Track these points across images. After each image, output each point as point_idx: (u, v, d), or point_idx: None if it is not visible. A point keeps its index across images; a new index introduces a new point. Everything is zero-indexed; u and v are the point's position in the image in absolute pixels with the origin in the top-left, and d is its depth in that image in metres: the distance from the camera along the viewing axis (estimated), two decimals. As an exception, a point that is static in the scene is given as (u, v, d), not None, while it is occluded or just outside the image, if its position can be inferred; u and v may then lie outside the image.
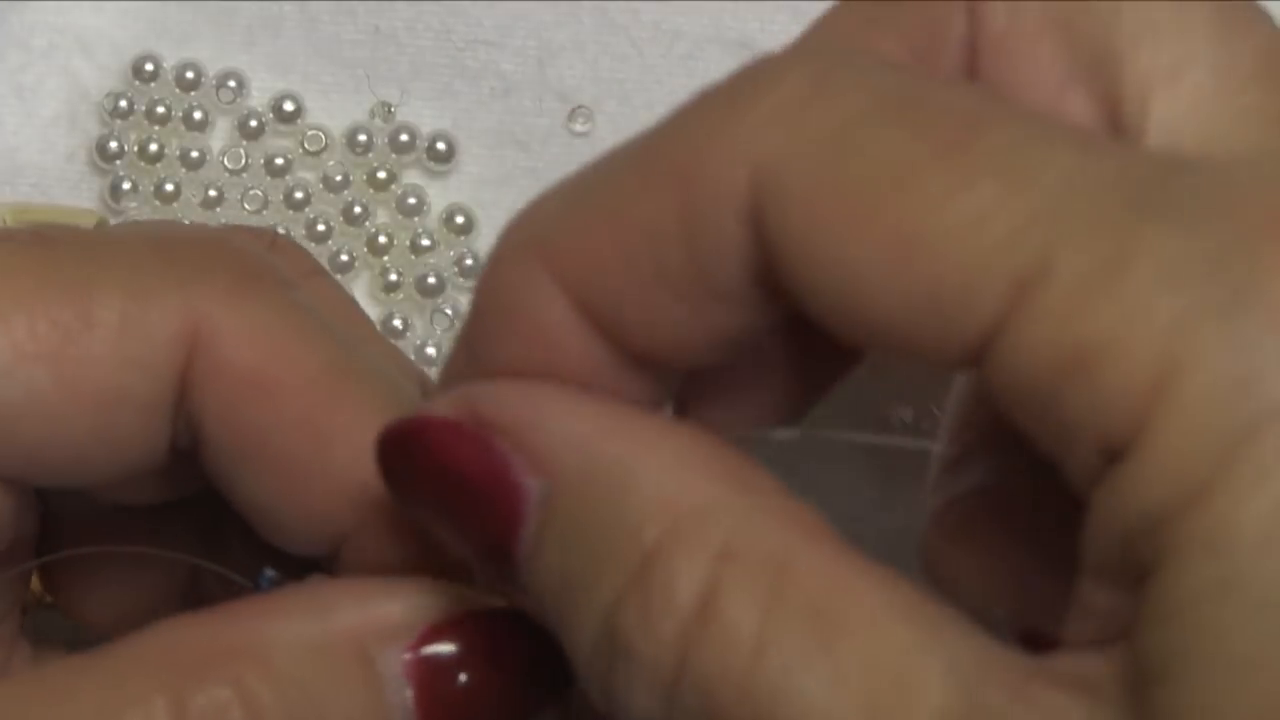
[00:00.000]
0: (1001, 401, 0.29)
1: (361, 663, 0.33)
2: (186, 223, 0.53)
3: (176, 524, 0.40)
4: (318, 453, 0.35)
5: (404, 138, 0.54)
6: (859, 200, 0.29)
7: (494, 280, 0.33)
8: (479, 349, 0.33)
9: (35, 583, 0.41)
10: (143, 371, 0.36)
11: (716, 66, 0.55)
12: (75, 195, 0.54)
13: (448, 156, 0.55)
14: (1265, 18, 0.32)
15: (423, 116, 0.55)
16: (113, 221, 0.53)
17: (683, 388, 0.34)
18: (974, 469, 0.35)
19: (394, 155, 0.54)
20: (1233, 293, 0.26)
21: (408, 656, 0.34)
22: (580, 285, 0.32)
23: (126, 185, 0.54)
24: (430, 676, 0.34)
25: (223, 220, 0.54)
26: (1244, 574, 0.26)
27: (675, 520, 0.30)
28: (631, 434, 0.31)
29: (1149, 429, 0.26)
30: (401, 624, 0.34)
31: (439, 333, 0.54)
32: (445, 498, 0.32)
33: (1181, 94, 0.31)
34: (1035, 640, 0.30)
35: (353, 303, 0.42)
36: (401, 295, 0.54)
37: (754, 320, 0.31)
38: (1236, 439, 0.26)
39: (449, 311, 0.54)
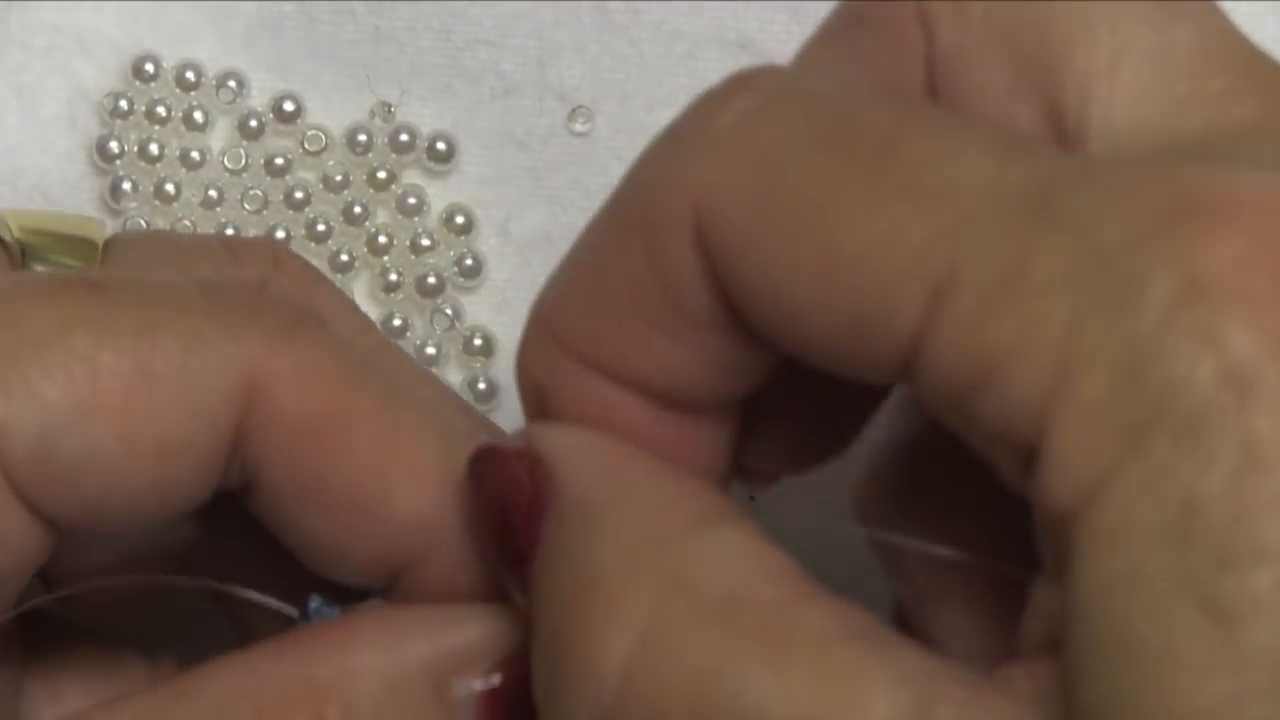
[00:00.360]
0: (931, 411, 0.29)
1: (436, 694, 0.34)
2: (183, 224, 0.53)
3: (183, 525, 0.40)
4: (381, 490, 0.36)
5: (404, 138, 0.54)
6: (786, 223, 0.30)
7: (521, 366, 0.36)
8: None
9: None
10: (202, 422, 0.36)
11: (716, 66, 0.55)
12: (75, 195, 0.54)
13: (448, 156, 0.55)
14: (1205, 5, 0.32)
15: (423, 116, 0.55)
16: (111, 224, 0.53)
17: (743, 439, 0.36)
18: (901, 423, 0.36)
19: (394, 155, 0.54)
20: (1122, 289, 0.27)
21: (480, 686, 0.34)
22: (582, 345, 0.34)
23: (126, 185, 0.54)
24: (503, 706, 0.34)
25: (222, 220, 0.54)
26: (1144, 566, 0.26)
27: (633, 549, 0.31)
28: (624, 474, 0.33)
29: (1050, 430, 0.27)
30: (475, 652, 0.34)
31: (439, 333, 0.54)
32: (493, 515, 0.34)
33: (1119, 88, 0.31)
34: None
35: (356, 309, 0.42)
36: (401, 295, 0.54)
37: (740, 344, 0.32)
38: (1132, 432, 0.26)
39: (449, 311, 0.54)
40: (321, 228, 0.54)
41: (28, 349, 0.35)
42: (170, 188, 0.54)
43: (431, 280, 0.54)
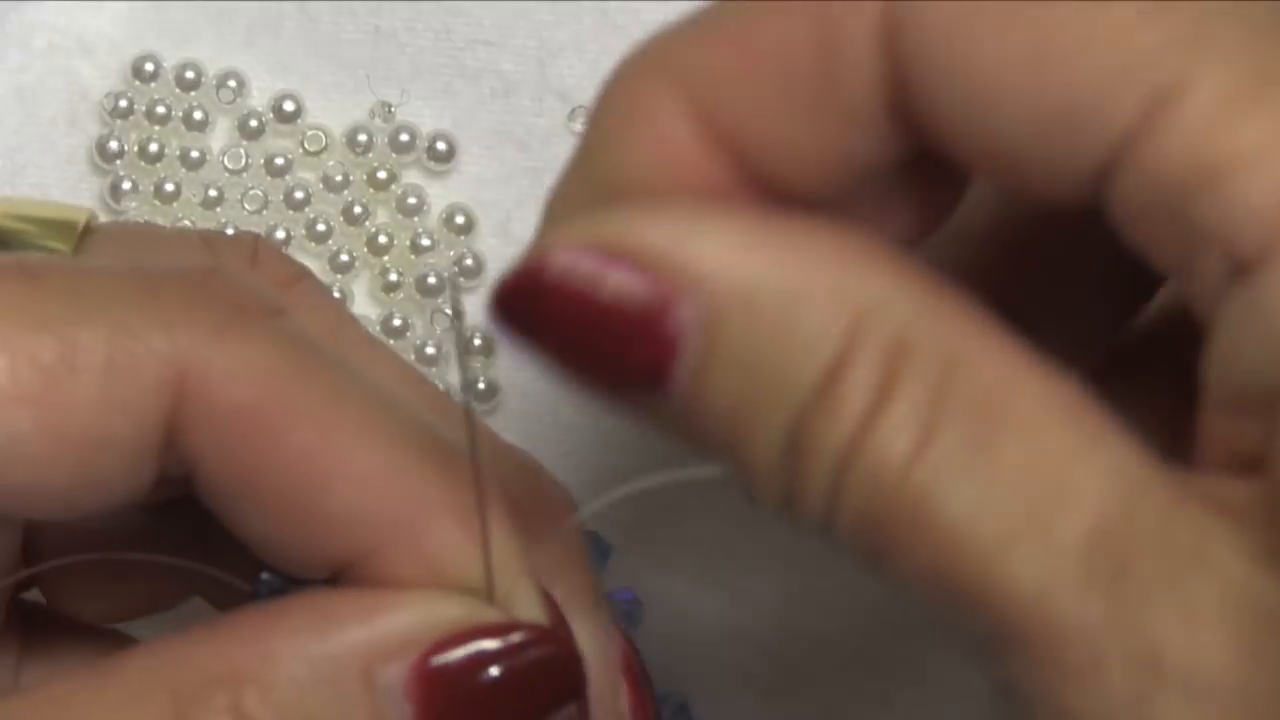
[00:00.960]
0: (1122, 220, 0.28)
1: (363, 681, 0.33)
2: (183, 224, 0.53)
3: (169, 522, 0.40)
4: (317, 488, 0.35)
5: (404, 138, 0.54)
6: (997, 11, 0.29)
7: (616, 94, 0.33)
8: (597, 169, 0.32)
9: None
10: (127, 416, 0.35)
11: (717, 66, 0.55)
12: (75, 195, 0.54)
13: (448, 156, 0.55)
14: None
15: (423, 116, 0.55)
16: (104, 219, 0.53)
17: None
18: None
19: (394, 155, 0.54)
20: None
21: (409, 674, 0.33)
22: (707, 100, 0.31)
23: (126, 185, 0.54)
24: (432, 692, 0.33)
25: (223, 220, 0.54)
26: None
27: (853, 320, 0.29)
28: (792, 243, 0.30)
29: None
30: (405, 639, 0.33)
31: (439, 332, 0.54)
32: (581, 338, 0.31)
33: None
34: None
35: (341, 307, 0.41)
36: (401, 295, 0.54)
37: (881, 148, 0.31)
38: None
39: (449, 311, 0.54)
40: (321, 228, 0.54)
41: None
42: (170, 187, 0.54)
43: (431, 280, 0.54)
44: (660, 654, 0.53)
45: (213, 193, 0.54)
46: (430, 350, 0.53)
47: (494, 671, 0.34)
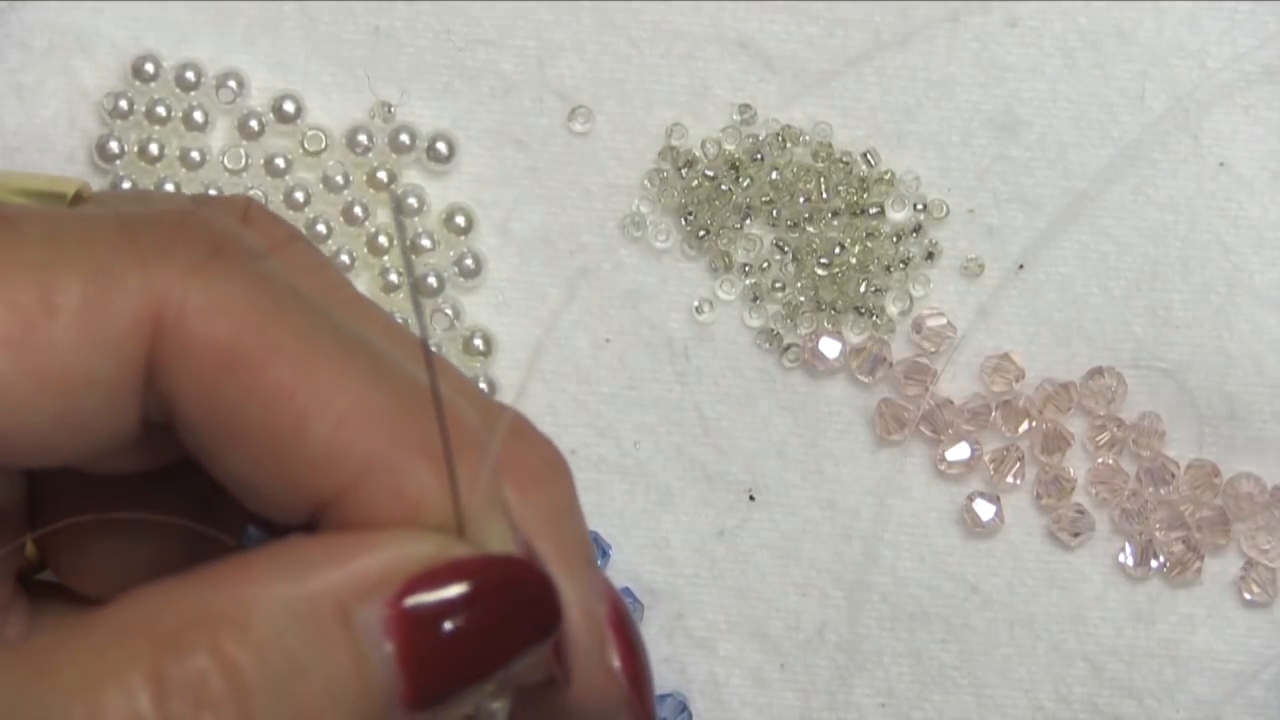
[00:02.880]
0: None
1: (341, 621, 0.33)
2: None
3: (169, 489, 0.40)
4: (293, 425, 0.35)
5: (404, 138, 0.54)
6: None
7: None
8: None
9: (31, 549, 0.41)
10: (106, 355, 0.35)
11: (716, 66, 0.55)
12: (75, 195, 0.54)
13: (447, 156, 0.55)
14: None
15: (422, 116, 0.55)
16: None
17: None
18: None
19: (394, 155, 0.54)
20: None
21: (386, 611, 0.33)
22: None
23: (126, 185, 0.54)
24: (410, 629, 0.33)
25: (223, 220, 0.54)
26: None
27: None
28: None
29: None
30: (380, 578, 0.34)
31: (439, 332, 0.54)
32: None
33: None
34: None
35: (331, 267, 0.41)
36: (401, 295, 0.54)
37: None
38: None
39: (449, 311, 0.54)
40: (321, 228, 0.54)
41: None
42: (170, 188, 0.54)
43: (431, 280, 0.54)
44: (660, 653, 0.53)
45: (213, 193, 0.54)
46: (430, 350, 0.53)
47: (469, 605, 0.34)
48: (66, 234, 0.36)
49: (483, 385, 0.54)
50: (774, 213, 0.54)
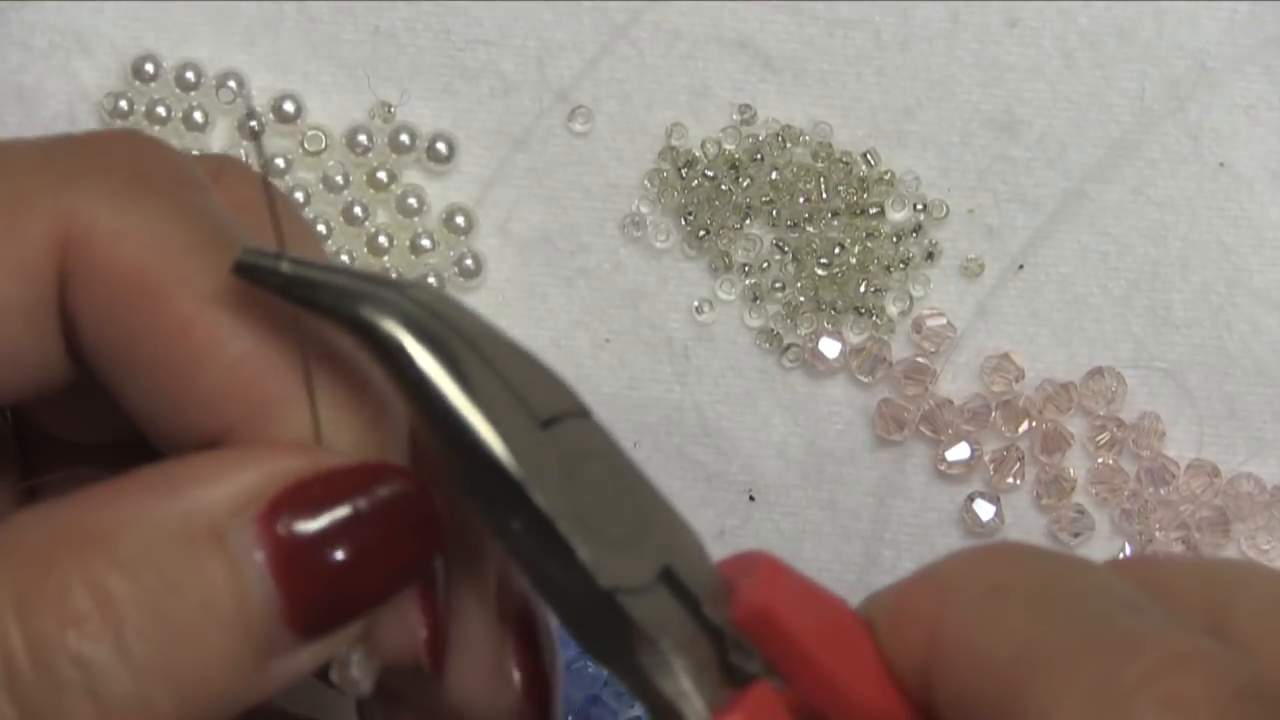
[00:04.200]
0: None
1: (213, 537, 0.33)
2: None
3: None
4: (189, 361, 0.34)
5: (404, 138, 0.54)
6: None
7: None
8: None
9: None
10: (20, 279, 0.35)
11: (716, 66, 0.55)
12: (75, 195, 0.54)
13: (447, 156, 0.55)
14: None
15: (422, 116, 0.55)
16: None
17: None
18: None
19: (394, 155, 0.54)
20: None
21: (257, 524, 0.33)
22: None
23: (126, 185, 0.54)
24: (280, 541, 0.33)
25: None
26: None
27: None
28: None
29: None
30: (252, 493, 0.33)
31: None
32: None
33: None
34: None
35: (298, 220, 0.40)
36: (401, 295, 0.54)
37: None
38: None
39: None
40: (321, 228, 0.54)
41: None
42: (170, 188, 0.54)
43: (431, 280, 0.54)
44: (660, 653, 0.53)
45: (213, 193, 0.54)
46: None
47: (340, 515, 0.33)
48: None
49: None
50: (774, 213, 0.54)
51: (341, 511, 0.33)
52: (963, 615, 0.33)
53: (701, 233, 0.54)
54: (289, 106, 0.54)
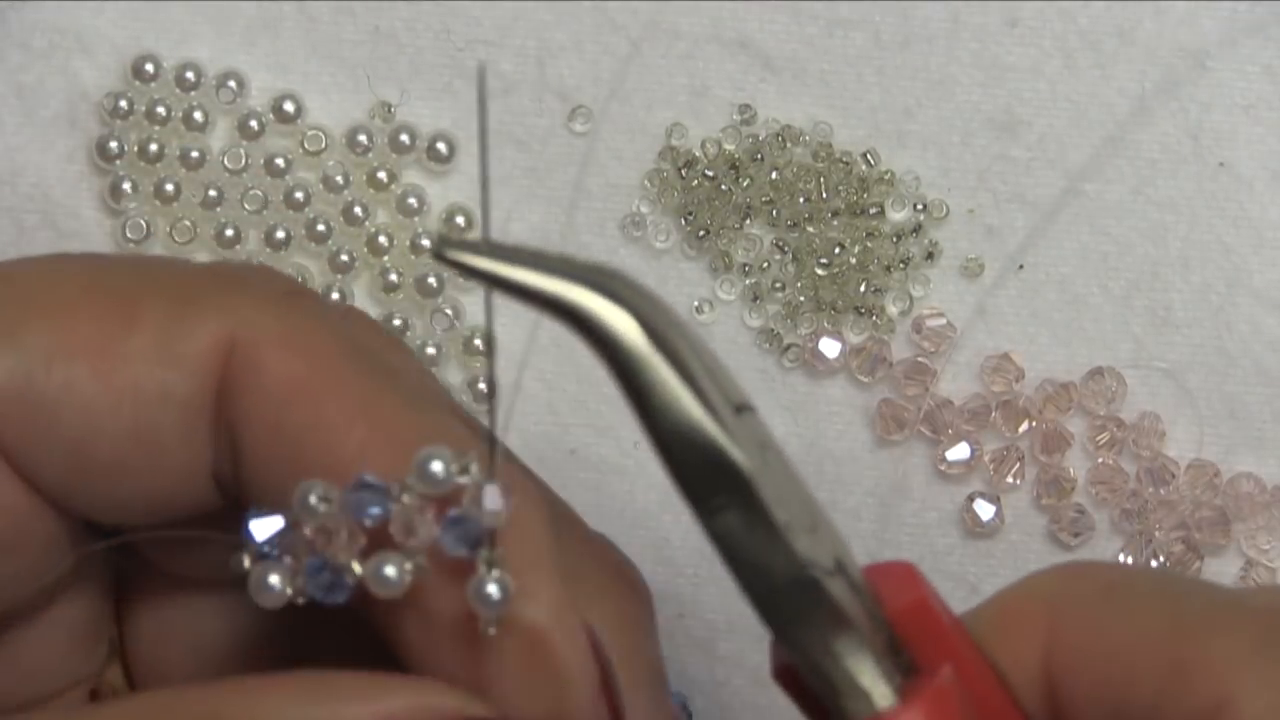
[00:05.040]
0: None
1: None
2: (183, 224, 0.54)
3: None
4: (353, 456, 0.35)
5: (404, 138, 0.54)
6: None
7: None
8: None
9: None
10: (182, 371, 0.36)
11: (716, 66, 0.55)
12: (75, 195, 0.54)
13: (447, 156, 0.55)
14: None
15: (422, 116, 0.55)
16: (111, 223, 0.53)
17: None
18: None
19: (394, 155, 0.54)
20: None
21: None
22: None
23: (126, 185, 0.54)
24: None
25: (222, 220, 0.54)
26: None
27: None
28: None
29: None
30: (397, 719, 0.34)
31: (439, 332, 0.54)
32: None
33: None
34: None
35: (426, 371, 0.42)
36: (401, 295, 0.54)
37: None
38: None
39: (449, 311, 0.54)
40: (321, 228, 0.54)
41: (14, 301, 0.36)
42: (170, 188, 0.54)
43: (431, 280, 0.54)
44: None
45: (213, 193, 0.54)
46: (430, 350, 0.54)
47: None
48: (152, 265, 0.38)
49: (482, 386, 0.54)
50: (774, 213, 0.54)
51: None
52: (1087, 614, 0.35)
53: (701, 233, 0.54)
54: (289, 106, 0.54)
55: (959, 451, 0.54)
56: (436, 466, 0.34)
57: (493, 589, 0.33)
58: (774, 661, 0.37)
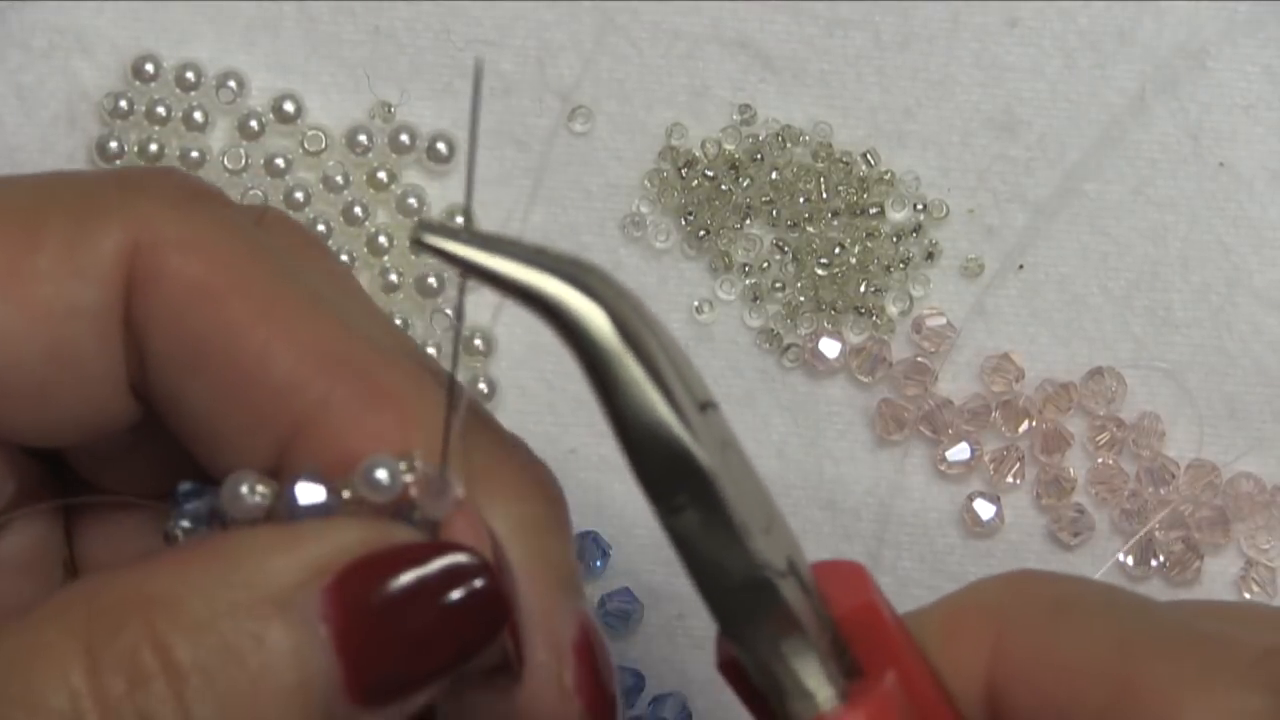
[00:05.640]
0: None
1: (276, 606, 0.33)
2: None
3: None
4: (256, 354, 0.36)
5: (404, 138, 0.54)
6: None
7: None
8: None
9: None
10: (89, 283, 0.36)
11: (716, 66, 0.55)
12: (75, 195, 0.54)
13: (447, 156, 0.55)
14: None
15: (422, 116, 0.55)
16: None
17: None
18: None
19: (394, 155, 0.54)
20: None
21: (323, 598, 0.33)
22: None
23: (126, 185, 0.54)
24: (345, 613, 0.33)
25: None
26: None
27: None
28: None
29: None
30: (320, 565, 0.34)
31: (439, 333, 0.54)
32: None
33: None
34: None
35: (348, 275, 0.41)
36: (401, 295, 0.54)
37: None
38: None
39: (449, 311, 0.54)
40: (321, 228, 0.54)
41: None
42: (170, 188, 0.54)
43: (431, 280, 0.54)
44: (660, 653, 0.53)
45: (213, 193, 0.54)
46: (430, 350, 0.54)
47: (405, 589, 0.34)
48: (53, 181, 0.38)
49: (482, 386, 0.54)
50: (774, 213, 0.54)
51: (409, 588, 0.34)
52: (1034, 627, 0.35)
53: (701, 233, 0.54)
54: (289, 106, 0.54)
55: (959, 451, 0.54)
56: (381, 474, 0.34)
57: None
58: (719, 654, 0.37)
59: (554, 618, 0.37)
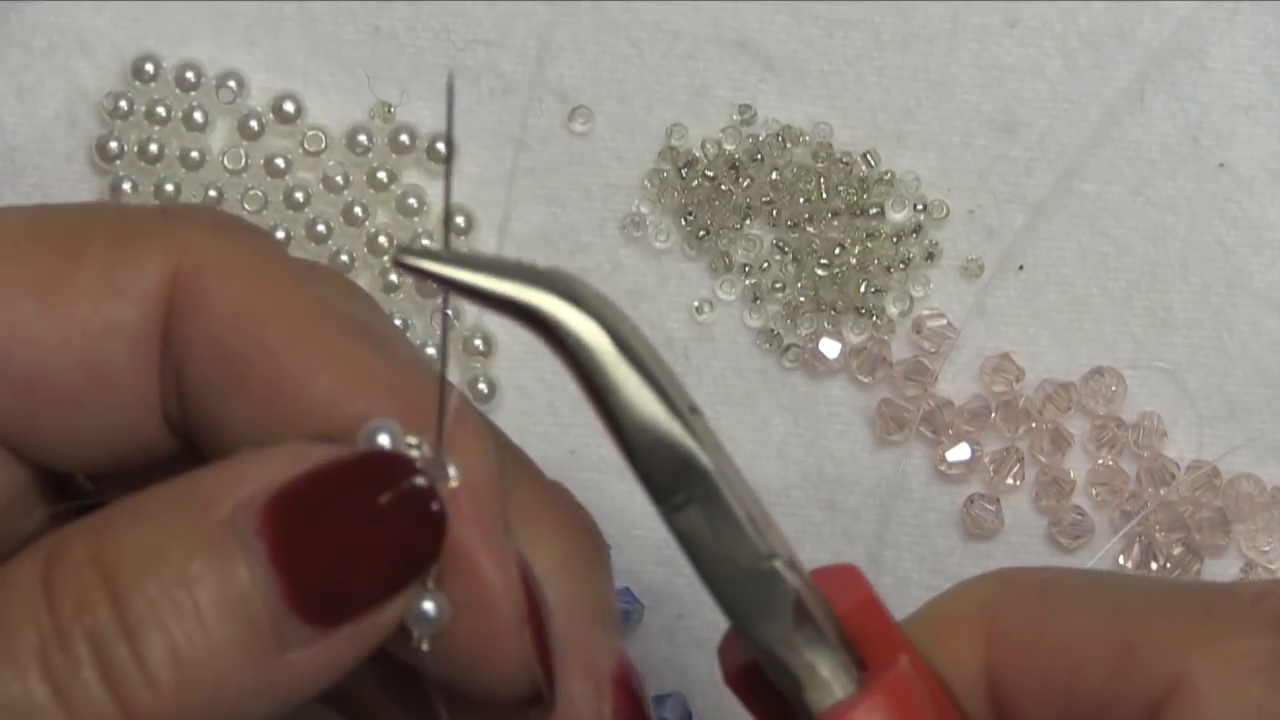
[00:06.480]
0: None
1: (218, 525, 0.34)
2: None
3: None
4: (296, 374, 0.36)
5: (404, 138, 0.54)
6: None
7: None
8: None
9: None
10: (128, 303, 0.37)
11: (716, 66, 0.55)
12: (75, 195, 0.54)
13: (447, 157, 0.55)
14: None
15: (422, 116, 0.55)
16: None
17: None
18: None
19: (394, 155, 0.54)
20: None
21: (259, 515, 0.34)
22: None
23: (126, 185, 0.54)
24: (280, 530, 0.34)
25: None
26: None
27: None
28: None
29: None
30: (259, 485, 0.34)
31: (439, 333, 0.54)
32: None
33: None
34: None
35: (377, 305, 0.42)
36: (401, 295, 0.54)
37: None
38: None
39: (449, 312, 0.54)
40: (321, 228, 0.54)
41: None
42: (170, 188, 0.54)
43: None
44: (660, 653, 0.53)
45: (213, 193, 0.54)
46: (430, 350, 0.54)
47: (341, 501, 0.34)
48: (96, 207, 0.39)
49: (482, 386, 0.54)
50: (774, 213, 0.54)
51: (337, 492, 0.34)
52: (1027, 613, 0.36)
53: (701, 233, 0.54)
54: (289, 106, 0.54)
55: (959, 452, 0.54)
56: (383, 439, 0.35)
57: (429, 606, 0.35)
58: (727, 666, 0.37)
59: (593, 651, 0.38)
